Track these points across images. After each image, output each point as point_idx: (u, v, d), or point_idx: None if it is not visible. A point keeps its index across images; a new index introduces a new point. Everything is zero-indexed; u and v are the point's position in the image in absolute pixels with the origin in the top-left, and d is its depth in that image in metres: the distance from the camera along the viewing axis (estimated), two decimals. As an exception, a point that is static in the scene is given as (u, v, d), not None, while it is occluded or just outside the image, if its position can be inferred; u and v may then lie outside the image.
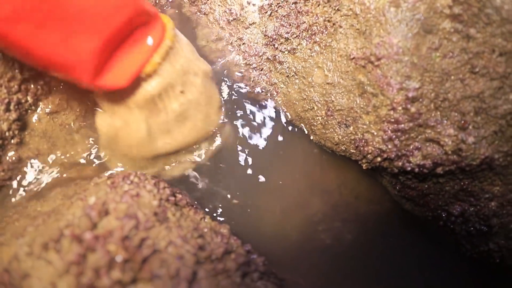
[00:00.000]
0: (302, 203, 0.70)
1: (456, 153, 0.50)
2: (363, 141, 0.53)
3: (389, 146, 0.52)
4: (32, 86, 0.53)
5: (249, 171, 0.71)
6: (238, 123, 0.66)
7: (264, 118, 0.73)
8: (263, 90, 0.62)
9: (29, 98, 0.53)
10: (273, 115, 0.67)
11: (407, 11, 0.48)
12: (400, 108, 0.50)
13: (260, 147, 0.72)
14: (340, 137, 0.56)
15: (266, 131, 0.73)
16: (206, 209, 0.63)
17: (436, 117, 0.50)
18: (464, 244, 0.58)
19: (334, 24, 0.54)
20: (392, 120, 0.50)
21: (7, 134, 0.51)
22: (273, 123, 0.72)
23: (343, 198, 0.70)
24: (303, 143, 0.72)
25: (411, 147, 0.51)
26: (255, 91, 0.63)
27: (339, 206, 0.69)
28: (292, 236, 0.68)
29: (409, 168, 0.52)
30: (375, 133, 0.52)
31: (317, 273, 0.66)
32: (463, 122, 0.49)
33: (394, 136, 0.51)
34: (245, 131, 0.66)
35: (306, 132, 0.61)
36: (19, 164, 0.53)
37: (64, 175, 0.58)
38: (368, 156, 0.54)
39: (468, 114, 0.49)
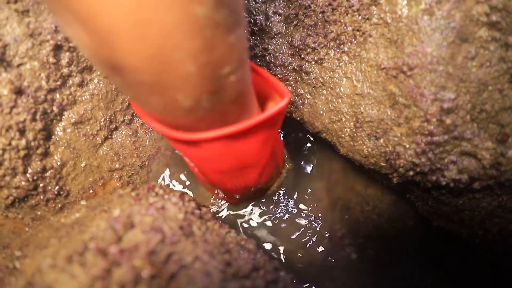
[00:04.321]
0: (324, 218, 0.68)
1: (494, 167, 0.47)
2: (395, 154, 0.51)
3: (423, 160, 0.49)
4: (58, 96, 0.53)
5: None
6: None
7: (289, 130, 0.72)
8: (289, 101, 0.61)
9: (54, 108, 0.53)
10: (298, 127, 0.66)
11: (441, 19, 0.46)
12: (434, 119, 0.48)
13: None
14: (369, 149, 0.54)
15: (290, 144, 0.72)
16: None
17: (473, 129, 0.47)
18: (503, 263, 0.54)
19: (363, 33, 0.52)
20: (426, 132, 0.48)
21: (32, 144, 0.51)
22: (298, 136, 0.71)
23: (365, 214, 0.68)
24: (328, 157, 0.71)
25: (446, 161, 0.49)
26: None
27: (362, 222, 0.67)
28: (314, 251, 0.66)
29: (443, 183, 0.50)
30: (408, 146, 0.50)
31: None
32: (502, 134, 0.47)
33: (428, 149, 0.49)
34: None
35: (333, 144, 0.59)
36: (44, 174, 0.53)
37: (88, 187, 0.57)
38: (400, 169, 0.51)
39: (508, 126, 0.46)
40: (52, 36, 0.51)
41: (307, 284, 0.63)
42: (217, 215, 0.56)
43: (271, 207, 0.68)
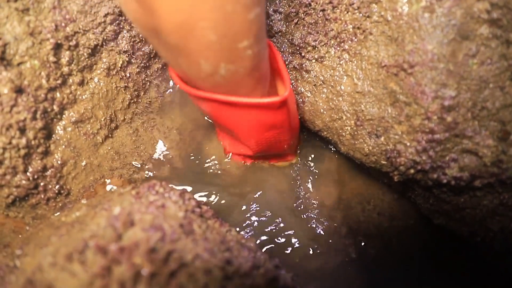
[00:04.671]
0: (324, 217, 0.68)
1: (495, 165, 0.47)
2: (395, 152, 0.51)
3: (424, 158, 0.49)
4: (58, 95, 0.53)
5: (273, 184, 0.69)
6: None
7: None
8: (289, 100, 0.61)
9: (55, 107, 0.53)
10: (300, 125, 0.65)
11: (442, 17, 0.46)
12: (435, 117, 0.47)
13: (285, 158, 0.70)
14: (370, 148, 0.54)
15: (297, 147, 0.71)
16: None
17: (474, 127, 0.47)
18: (503, 261, 0.54)
19: (364, 31, 0.52)
20: (427, 130, 0.48)
21: (32, 142, 0.51)
22: (299, 135, 0.71)
23: (365, 213, 0.68)
24: (328, 156, 0.71)
25: (447, 159, 0.49)
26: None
27: (362, 221, 0.67)
28: (314, 250, 0.66)
29: (445, 181, 0.49)
30: (408, 144, 0.50)
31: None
32: (503, 132, 0.46)
33: (429, 147, 0.49)
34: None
35: (334, 143, 0.59)
36: (44, 173, 0.53)
37: (89, 185, 0.57)
38: (401, 168, 0.51)
39: (509, 123, 0.46)
40: (53, 34, 0.51)
41: (307, 283, 0.63)
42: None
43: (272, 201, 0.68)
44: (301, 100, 0.60)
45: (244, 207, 0.67)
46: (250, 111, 0.49)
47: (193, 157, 0.69)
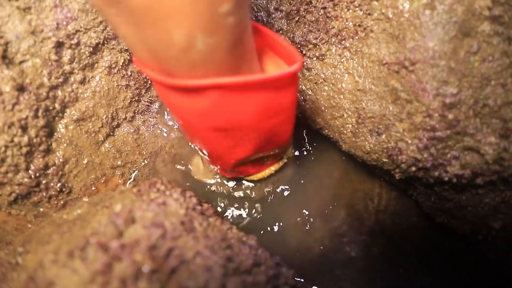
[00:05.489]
0: (326, 215, 0.68)
1: (497, 163, 0.47)
2: (397, 149, 0.51)
3: (425, 155, 0.49)
4: (60, 93, 0.53)
5: (273, 182, 0.69)
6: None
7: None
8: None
9: (56, 105, 0.53)
10: (300, 123, 0.65)
11: (443, 14, 0.46)
12: (436, 115, 0.47)
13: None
14: (371, 145, 0.53)
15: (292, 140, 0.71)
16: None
17: (476, 124, 0.47)
18: (506, 260, 0.54)
19: (365, 28, 0.52)
20: (428, 127, 0.48)
21: (34, 140, 0.51)
22: (299, 132, 0.71)
23: (368, 211, 0.68)
24: (330, 154, 0.70)
25: (449, 156, 0.49)
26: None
27: (365, 219, 0.67)
28: (316, 249, 0.66)
29: (446, 178, 0.49)
30: (410, 141, 0.50)
31: (343, 287, 0.64)
32: (505, 129, 0.46)
33: (430, 145, 0.48)
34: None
35: (335, 140, 0.59)
36: (46, 171, 0.53)
37: (90, 184, 0.58)
38: (402, 165, 0.51)
39: (511, 121, 0.46)
40: (54, 33, 0.51)
41: (308, 281, 0.63)
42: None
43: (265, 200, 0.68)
44: (302, 98, 0.60)
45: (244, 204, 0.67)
46: (250, 94, 0.40)
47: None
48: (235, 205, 0.68)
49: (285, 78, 0.40)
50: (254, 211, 0.67)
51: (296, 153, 0.70)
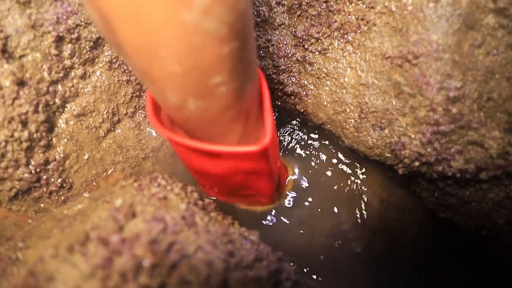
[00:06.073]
0: (330, 212, 0.67)
1: (502, 157, 0.46)
2: (400, 144, 0.50)
3: (428, 150, 0.49)
4: (60, 88, 0.53)
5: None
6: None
7: (293, 121, 0.71)
8: (292, 93, 0.60)
9: (57, 100, 0.53)
10: (302, 118, 0.65)
11: (447, 6, 0.45)
12: (440, 109, 0.47)
13: (287, 153, 0.70)
14: (374, 140, 0.53)
15: (295, 136, 0.71)
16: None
17: (480, 118, 0.47)
18: (510, 255, 0.54)
19: (367, 22, 0.52)
20: (432, 121, 0.47)
21: (35, 136, 0.50)
22: (302, 127, 0.71)
23: (372, 207, 0.67)
24: (332, 150, 0.70)
25: (452, 151, 0.48)
26: (284, 93, 0.61)
27: (368, 215, 0.67)
28: (319, 245, 0.65)
29: (450, 173, 0.49)
30: (413, 136, 0.49)
31: (347, 283, 0.63)
32: (509, 123, 0.46)
33: (433, 139, 0.48)
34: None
35: (338, 136, 0.59)
36: (47, 167, 0.53)
37: (91, 179, 0.57)
38: (405, 160, 0.51)
39: (516, 115, 0.46)
40: (54, 27, 0.51)
41: (311, 276, 0.63)
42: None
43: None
44: (304, 93, 0.59)
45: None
46: (224, 158, 0.43)
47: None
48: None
49: (248, 154, 0.41)
50: (255, 207, 0.67)
51: (298, 150, 0.70)
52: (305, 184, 0.69)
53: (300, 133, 0.71)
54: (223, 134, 0.40)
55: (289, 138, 0.71)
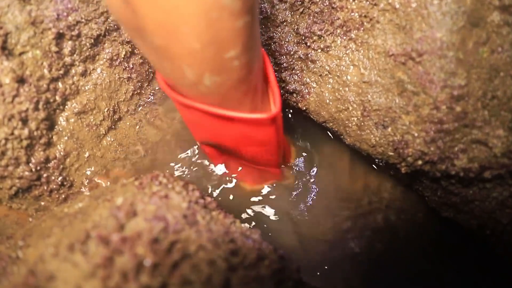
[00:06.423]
0: (331, 210, 0.67)
1: (506, 156, 0.46)
2: (403, 143, 0.50)
3: (432, 148, 0.48)
4: (60, 85, 0.53)
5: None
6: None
7: (294, 120, 0.71)
8: (294, 90, 0.60)
9: (57, 97, 0.52)
10: (304, 116, 0.65)
11: (452, 3, 0.45)
12: (444, 107, 0.46)
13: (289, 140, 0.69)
14: (377, 139, 0.53)
15: (296, 134, 0.71)
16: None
17: (484, 117, 0.46)
18: (513, 255, 0.53)
19: (371, 19, 0.51)
20: (435, 120, 0.47)
21: (35, 133, 0.50)
22: (303, 126, 0.70)
23: (372, 206, 0.67)
24: (334, 148, 0.70)
25: (456, 149, 0.48)
26: (286, 91, 0.61)
27: (369, 214, 0.66)
28: (320, 244, 0.65)
29: (453, 172, 0.48)
30: (416, 134, 0.49)
31: (348, 282, 0.63)
32: (514, 122, 0.45)
33: (437, 137, 0.48)
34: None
35: (340, 134, 0.58)
36: (47, 165, 0.53)
37: (92, 177, 0.57)
38: (408, 159, 0.50)
39: (520, 113, 0.45)
40: (54, 24, 0.50)
41: (313, 276, 0.63)
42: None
43: (272, 196, 0.68)
44: (306, 91, 0.59)
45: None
46: (237, 124, 0.47)
47: (197, 151, 0.68)
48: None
49: (259, 121, 0.46)
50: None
51: (299, 143, 0.70)
52: (305, 183, 0.68)
53: (300, 129, 0.71)
54: (234, 109, 0.43)
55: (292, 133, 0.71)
